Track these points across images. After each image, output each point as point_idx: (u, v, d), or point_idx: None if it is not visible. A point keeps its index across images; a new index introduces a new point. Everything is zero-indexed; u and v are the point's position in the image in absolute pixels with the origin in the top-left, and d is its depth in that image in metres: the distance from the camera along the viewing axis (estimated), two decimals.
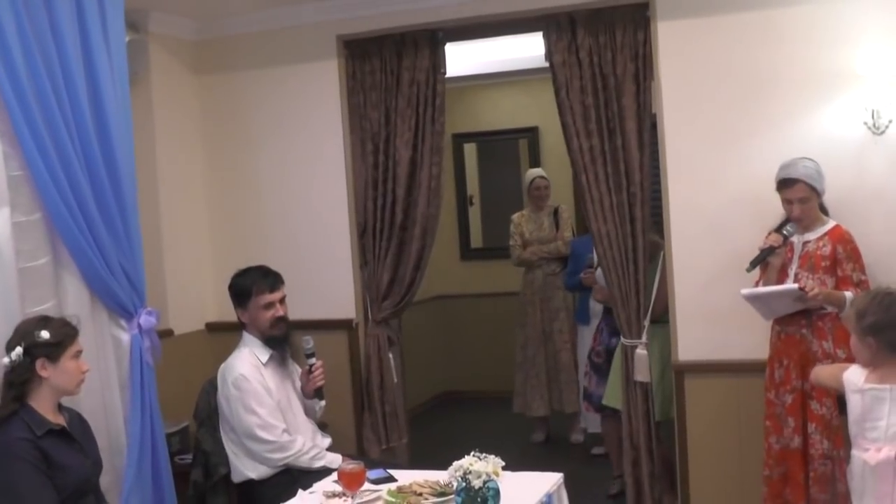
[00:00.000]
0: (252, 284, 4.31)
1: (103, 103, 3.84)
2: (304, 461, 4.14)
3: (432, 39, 5.18)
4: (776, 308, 4.15)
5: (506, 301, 7.53)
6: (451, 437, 7.13)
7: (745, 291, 4.15)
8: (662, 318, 4.87)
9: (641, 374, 4.82)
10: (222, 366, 4.29)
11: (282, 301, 4.35)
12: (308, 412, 4.42)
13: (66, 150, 3.64)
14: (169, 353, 4.69)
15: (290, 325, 4.39)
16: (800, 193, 4.08)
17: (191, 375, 4.75)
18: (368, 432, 5.34)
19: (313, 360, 4.36)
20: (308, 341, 4.36)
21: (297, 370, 4.45)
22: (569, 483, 3.65)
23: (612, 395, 5.24)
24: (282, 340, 4.33)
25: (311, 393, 4.39)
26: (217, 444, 4.25)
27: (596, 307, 6.12)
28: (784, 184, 4.11)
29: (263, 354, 4.28)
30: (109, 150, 3.86)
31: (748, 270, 4.15)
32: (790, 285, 4.07)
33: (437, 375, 8.60)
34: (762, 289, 4.17)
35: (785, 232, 4.13)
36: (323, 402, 4.47)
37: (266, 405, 4.15)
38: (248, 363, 4.22)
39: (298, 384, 4.42)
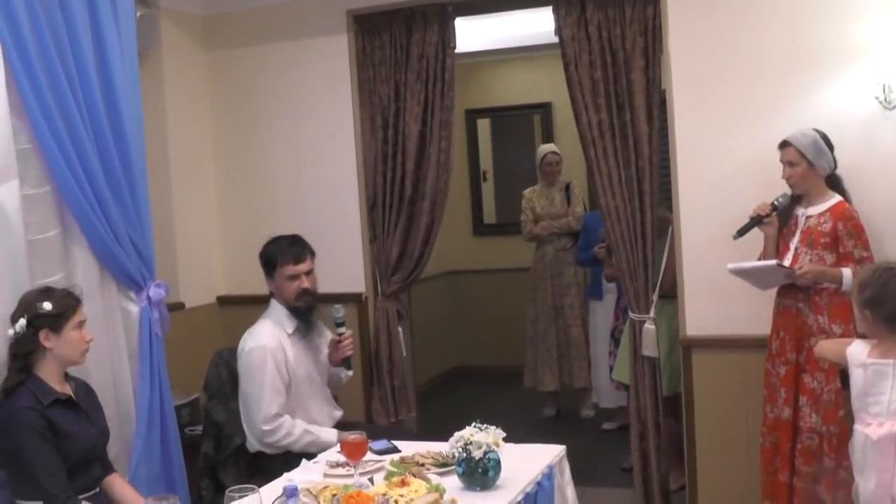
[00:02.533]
0: (277, 254, 4.23)
1: (112, 77, 3.87)
2: (295, 449, 4.07)
3: (442, 14, 5.16)
4: (768, 281, 4.20)
5: (518, 276, 7.53)
6: (461, 412, 7.05)
7: (730, 266, 4.20)
8: (671, 293, 4.86)
9: (649, 349, 4.83)
10: (247, 332, 4.24)
11: (308, 273, 4.25)
12: (332, 382, 4.41)
13: (75, 123, 3.67)
14: (180, 326, 4.75)
15: (317, 297, 4.30)
16: (787, 157, 4.12)
17: (201, 348, 4.79)
18: (377, 405, 5.37)
19: (343, 330, 4.30)
20: (339, 310, 4.30)
21: (325, 342, 4.37)
22: (579, 457, 3.68)
23: (622, 370, 5.25)
24: (306, 313, 4.25)
25: (338, 362, 4.36)
26: (231, 414, 4.25)
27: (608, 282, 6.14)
28: (780, 145, 4.17)
29: (289, 325, 4.22)
30: (118, 123, 3.90)
31: (734, 238, 4.20)
32: (769, 261, 4.14)
33: (449, 350, 8.65)
34: (745, 264, 4.21)
35: (775, 202, 4.18)
36: (350, 372, 4.48)
37: (266, 386, 4.08)
38: (270, 334, 4.16)
39: (325, 354, 4.35)
